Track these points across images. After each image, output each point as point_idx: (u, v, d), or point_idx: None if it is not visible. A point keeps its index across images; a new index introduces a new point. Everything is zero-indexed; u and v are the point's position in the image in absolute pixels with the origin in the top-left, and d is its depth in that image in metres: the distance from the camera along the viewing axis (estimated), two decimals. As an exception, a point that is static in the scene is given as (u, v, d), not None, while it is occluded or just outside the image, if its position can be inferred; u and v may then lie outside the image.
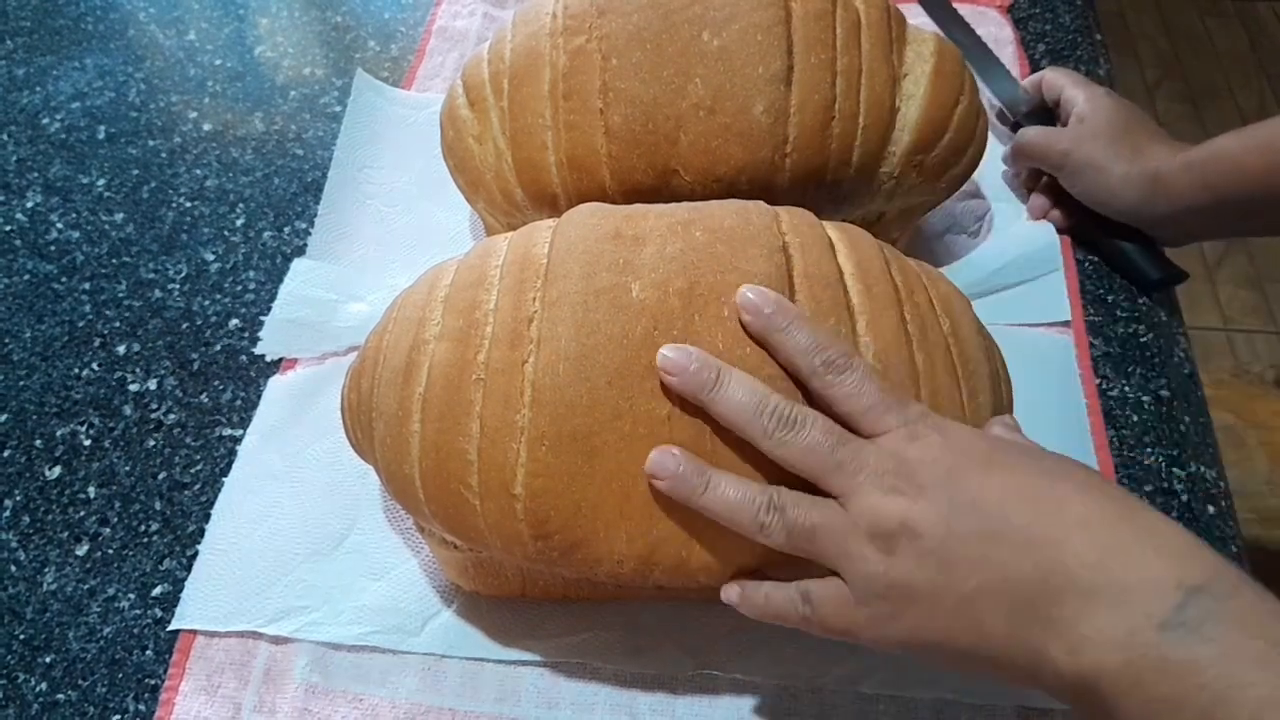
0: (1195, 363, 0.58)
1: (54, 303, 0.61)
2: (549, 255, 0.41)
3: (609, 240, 0.41)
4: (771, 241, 0.41)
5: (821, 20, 0.51)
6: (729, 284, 0.39)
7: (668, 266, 0.40)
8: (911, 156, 0.52)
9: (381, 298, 0.59)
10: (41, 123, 0.71)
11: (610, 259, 0.40)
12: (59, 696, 0.46)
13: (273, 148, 0.69)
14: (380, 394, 0.42)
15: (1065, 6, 0.77)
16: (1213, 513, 0.51)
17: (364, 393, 0.43)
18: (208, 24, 0.79)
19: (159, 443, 0.54)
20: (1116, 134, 0.57)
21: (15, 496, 0.53)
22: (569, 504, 0.38)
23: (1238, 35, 2.05)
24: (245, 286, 0.61)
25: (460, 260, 0.45)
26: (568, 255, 0.41)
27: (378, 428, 0.42)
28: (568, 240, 0.41)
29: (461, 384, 0.39)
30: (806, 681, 0.45)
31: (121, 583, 0.49)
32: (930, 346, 0.40)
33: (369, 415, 0.43)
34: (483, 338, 0.40)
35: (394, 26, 0.77)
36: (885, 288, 0.41)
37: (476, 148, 0.54)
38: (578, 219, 0.43)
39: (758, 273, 0.39)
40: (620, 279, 0.39)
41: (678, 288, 0.39)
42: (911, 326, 0.40)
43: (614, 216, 0.43)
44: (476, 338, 0.40)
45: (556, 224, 0.43)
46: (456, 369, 0.40)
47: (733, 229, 0.41)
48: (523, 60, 0.52)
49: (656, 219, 0.42)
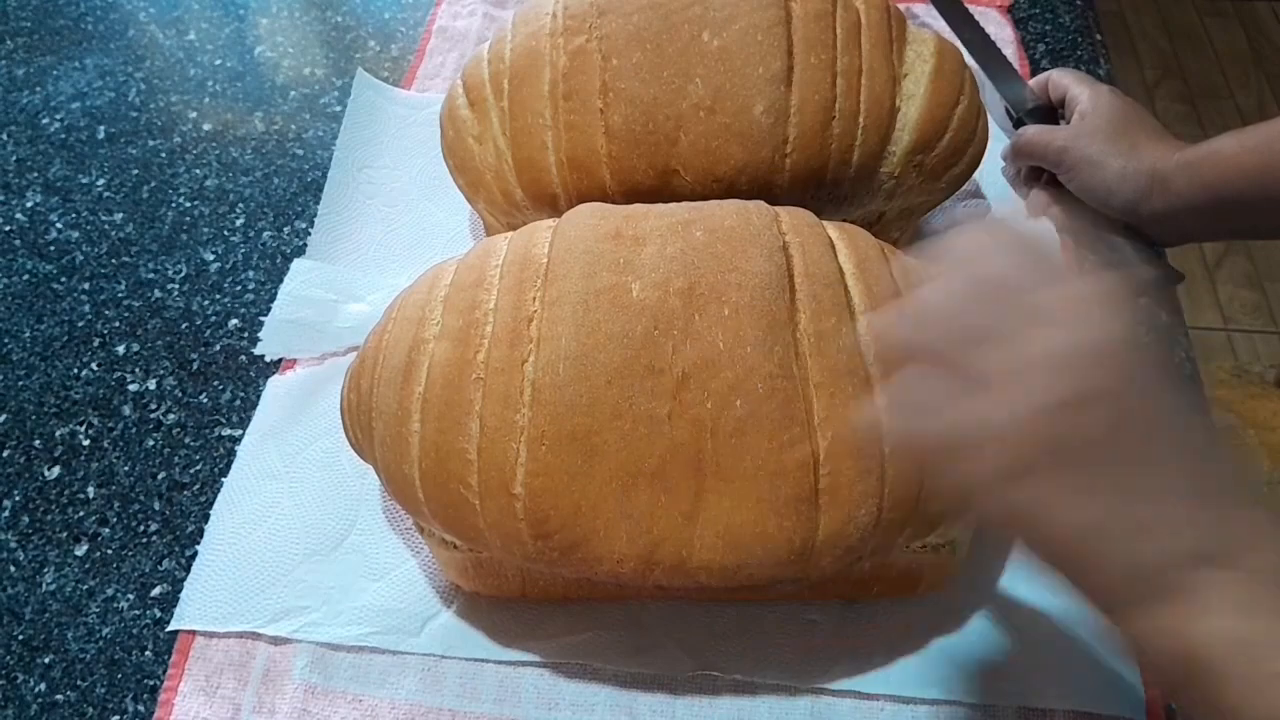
0: (1197, 362, 0.58)
1: (53, 303, 0.61)
2: (549, 255, 0.41)
3: (609, 240, 0.41)
4: (772, 241, 0.40)
5: (821, 21, 0.51)
6: (729, 284, 0.39)
7: (668, 266, 0.40)
8: (912, 156, 0.52)
9: (381, 298, 0.58)
10: (41, 122, 0.71)
11: (610, 259, 0.40)
12: (58, 697, 0.46)
13: (273, 148, 0.69)
14: (380, 394, 0.42)
15: (1065, 6, 0.77)
16: (1213, 513, 0.50)
17: (363, 392, 0.43)
18: (208, 24, 0.79)
19: (158, 443, 0.54)
20: (1116, 131, 0.57)
21: (14, 496, 0.52)
22: (569, 503, 0.38)
23: (1237, 35, 2.05)
24: (245, 286, 0.61)
25: (460, 260, 0.45)
26: (568, 255, 0.40)
27: (377, 427, 0.42)
28: (568, 240, 0.41)
29: (461, 383, 0.39)
30: (806, 682, 0.45)
31: (121, 583, 0.49)
32: None
33: (368, 415, 0.43)
34: (482, 337, 0.40)
35: (394, 26, 0.77)
36: (886, 286, 0.41)
37: (477, 148, 0.54)
38: (578, 219, 0.43)
39: (758, 272, 0.39)
40: (621, 279, 0.39)
41: (678, 287, 0.39)
42: None
43: (614, 216, 0.43)
44: (476, 337, 0.40)
45: (556, 224, 0.43)
46: (456, 368, 0.40)
47: (733, 229, 0.41)
48: (523, 60, 0.52)
49: (657, 219, 0.42)
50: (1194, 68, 1.99)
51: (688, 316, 0.38)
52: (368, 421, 0.43)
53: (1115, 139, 0.57)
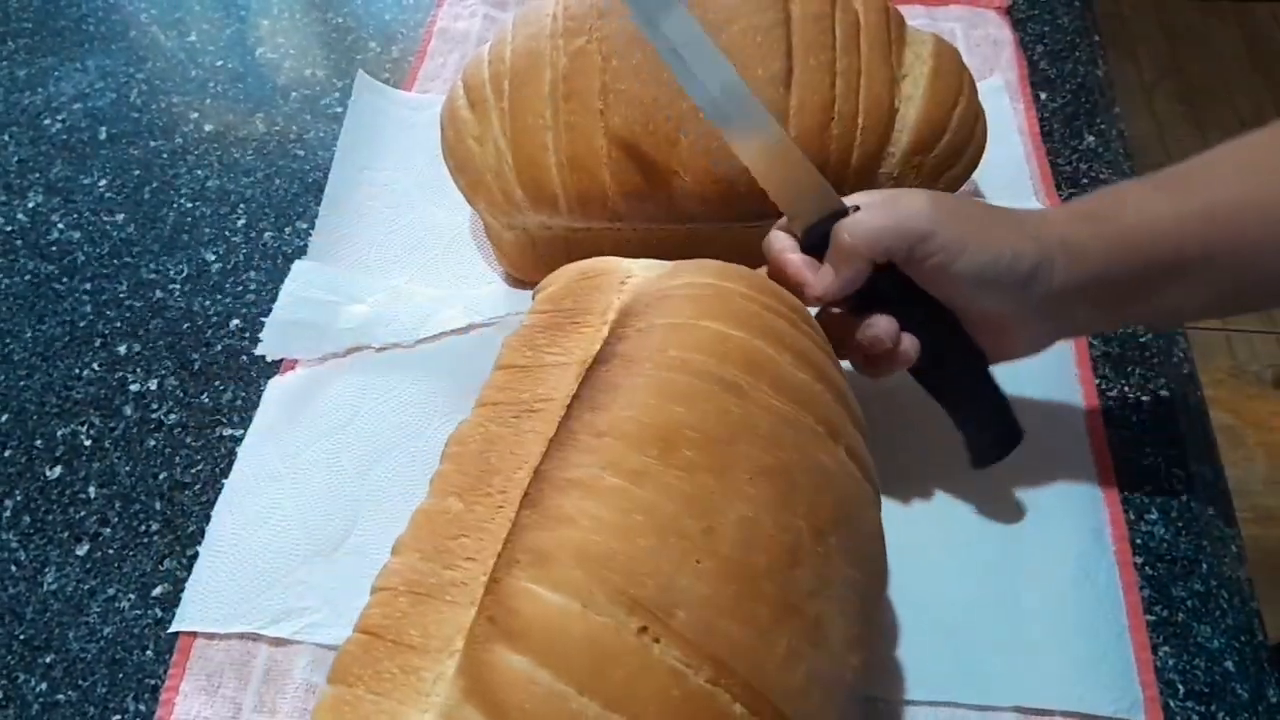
0: (1195, 363, 0.58)
1: (55, 303, 0.61)
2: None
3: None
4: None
5: (820, 22, 0.51)
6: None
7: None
8: (910, 157, 0.53)
9: (381, 299, 0.59)
10: (43, 123, 0.71)
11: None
12: (59, 697, 0.46)
13: (274, 149, 0.69)
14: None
15: (1064, 8, 0.77)
16: (1212, 513, 0.51)
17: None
18: (209, 25, 0.79)
19: (159, 443, 0.54)
20: (966, 205, 0.44)
21: (15, 496, 0.53)
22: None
23: (1236, 36, 2.06)
24: (246, 287, 0.61)
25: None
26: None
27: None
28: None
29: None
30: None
31: (122, 583, 0.49)
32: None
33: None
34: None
35: (395, 28, 0.78)
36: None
37: (477, 148, 0.54)
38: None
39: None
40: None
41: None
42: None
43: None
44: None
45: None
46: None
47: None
48: (523, 61, 0.52)
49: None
50: (1193, 68, 1.99)
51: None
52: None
53: (974, 210, 0.43)
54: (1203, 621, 0.47)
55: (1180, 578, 0.48)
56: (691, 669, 0.30)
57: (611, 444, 0.33)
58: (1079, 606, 0.46)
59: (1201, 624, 0.47)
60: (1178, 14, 2.10)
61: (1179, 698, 0.44)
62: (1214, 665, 0.45)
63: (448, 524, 0.34)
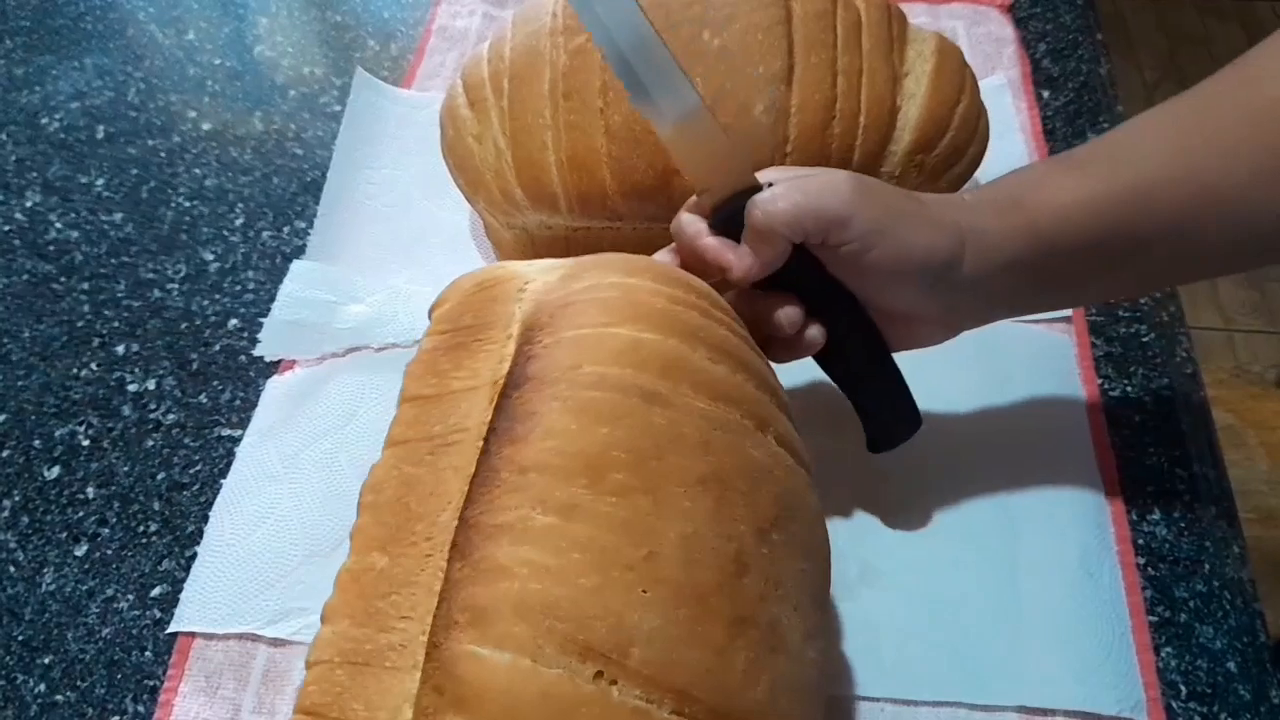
0: (1197, 363, 0.58)
1: (53, 303, 0.61)
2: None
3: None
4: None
5: (822, 20, 0.51)
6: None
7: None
8: (912, 156, 0.52)
9: (381, 299, 0.58)
10: (40, 122, 0.71)
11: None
12: (58, 697, 0.46)
13: (272, 147, 0.69)
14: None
15: (1066, 6, 0.77)
16: (1214, 513, 0.50)
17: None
18: (207, 23, 0.79)
19: (158, 443, 0.54)
20: (880, 188, 0.42)
21: (14, 497, 0.52)
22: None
23: (1237, 36, 2.05)
24: (244, 287, 0.61)
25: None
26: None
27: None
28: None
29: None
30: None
31: (120, 583, 0.49)
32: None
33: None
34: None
35: (394, 26, 0.77)
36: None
37: (476, 147, 0.54)
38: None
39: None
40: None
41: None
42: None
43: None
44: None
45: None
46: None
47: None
48: (523, 59, 0.52)
49: None
50: (1194, 68, 1.99)
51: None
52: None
53: (892, 199, 0.41)
54: (1205, 622, 0.47)
55: (1182, 578, 0.48)
56: (654, 704, 0.29)
57: (536, 479, 0.31)
58: (1081, 607, 0.46)
59: (1204, 625, 0.46)
60: (1179, 13, 2.10)
61: (1181, 698, 0.44)
62: (1216, 666, 0.45)
63: (375, 582, 0.32)
